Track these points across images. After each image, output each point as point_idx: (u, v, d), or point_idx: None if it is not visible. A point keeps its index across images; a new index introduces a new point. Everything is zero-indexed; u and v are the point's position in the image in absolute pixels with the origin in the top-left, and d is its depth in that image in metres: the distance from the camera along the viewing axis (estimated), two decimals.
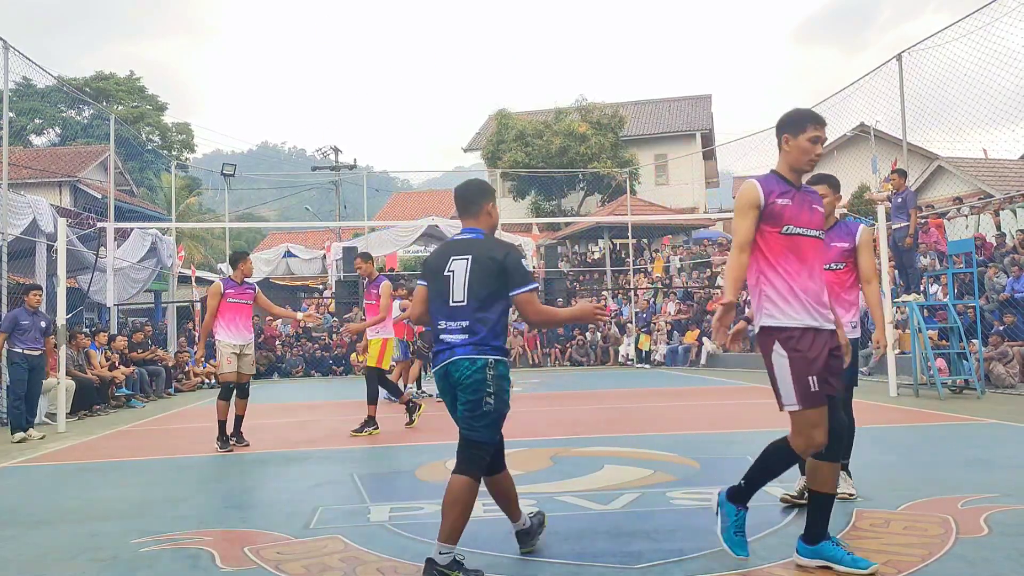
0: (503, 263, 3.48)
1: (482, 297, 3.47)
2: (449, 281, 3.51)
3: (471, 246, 3.55)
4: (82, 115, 40.04)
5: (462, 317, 3.47)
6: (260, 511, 4.93)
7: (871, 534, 3.84)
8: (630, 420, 9.01)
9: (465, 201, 3.69)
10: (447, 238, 26.64)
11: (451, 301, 3.50)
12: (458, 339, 3.46)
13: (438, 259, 3.61)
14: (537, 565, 3.53)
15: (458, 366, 3.45)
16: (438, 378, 3.55)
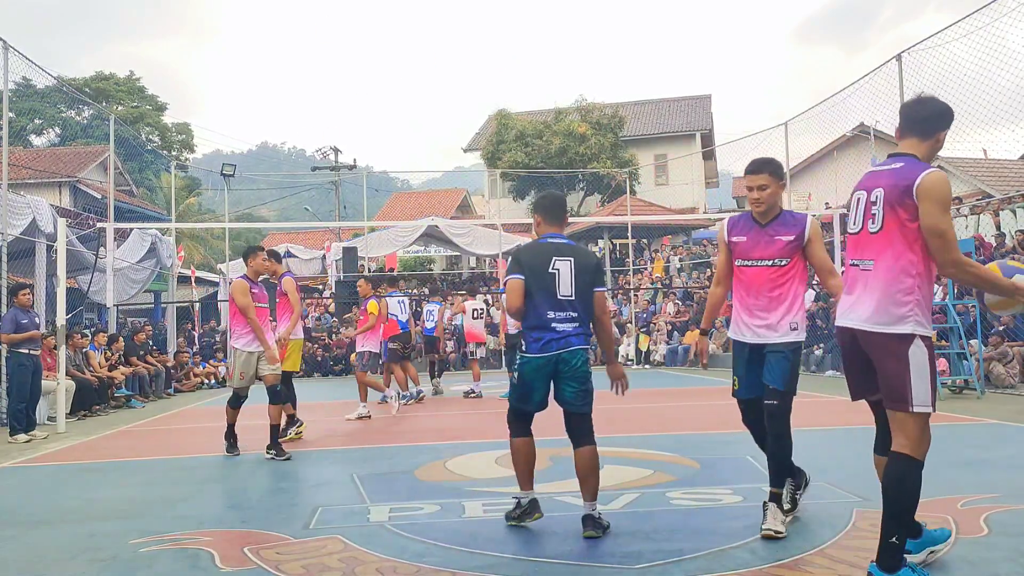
0: (597, 265, 4.26)
1: (585, 294, 4.10)
2: (555, 278, 4.05)
3: (572, 250, 4.18)
4: (82, 115, 40.03)
5: (572, 309, 4.06)
6: (260, 511, 4.92)
7: (871, 534, 3.84)
8: (630, 420, 9.01)
9: (559, 209, 4.30)
10: (447, 238, 26.51)
11: (559, 295, 4.04)
12: (571, 328, 4.05)
13: (538, 257, 4.11)
14: (537, 565, 3.53)
15: (576, 355, 4.08)
16: (544, 363, 4.05)
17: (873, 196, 3.12)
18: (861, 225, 3.18)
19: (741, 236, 4.07)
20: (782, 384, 3.95)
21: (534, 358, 4.06)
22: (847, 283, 3.27)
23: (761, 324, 4.02)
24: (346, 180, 33.94)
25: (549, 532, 4.10)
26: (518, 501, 4.25)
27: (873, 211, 3.11)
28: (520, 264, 4.10)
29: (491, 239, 24.13)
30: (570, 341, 4.02)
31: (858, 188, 3.24)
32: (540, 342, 4.03)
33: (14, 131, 18.38)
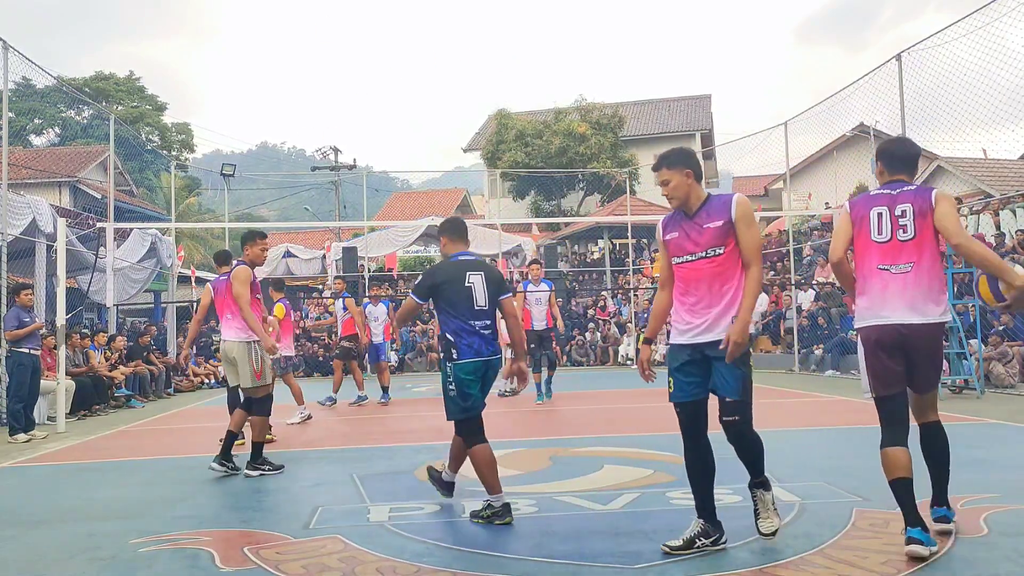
0: (501, 277, 4.72)
1: (493, 303, 4.55)
2: (472, 291, 4.49)
3: (481, 265, 4.66)
4: (82, 115, 40.03)
5: (486, 317, 4.50)
6: (259, 511, 4.92)
7: (871, 534, 3.84)
8: (630, 420, 9.01)
9: (462, 230, 4.84)
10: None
11: (476, 305, 4.48)
12: (488, 334, 4.50)
13: (454, 274, 4.55)
14: (536, 565, 3.53)
15: (499, 363, 4.59)
16: (477, 368, 4.44)
17: (899, 211, 3.66)
18: (890, 235, 3.65)
19: (673, 233, 3.77)
20: (738, 393, 3.53)
21: (469, 362, 4.42)
22: (875, 286, 3.65)
23: (702, 322, 3.60)
24: (346, 180, 33.93)
25: (549, 532, 4.10)
26: (489, 503, 4.36)
27: (903, 222, 3.63)
28: (433, 283, 4.57)
29: (491, 239, 24.12)
30: (494, 350, 4.52)
31: (875, 204, 3.73)
32: (472, 348, 4.44)
33: (14, 131, 18.40)
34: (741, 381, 3.56)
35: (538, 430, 8.41)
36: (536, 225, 28.50)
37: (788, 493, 4.76)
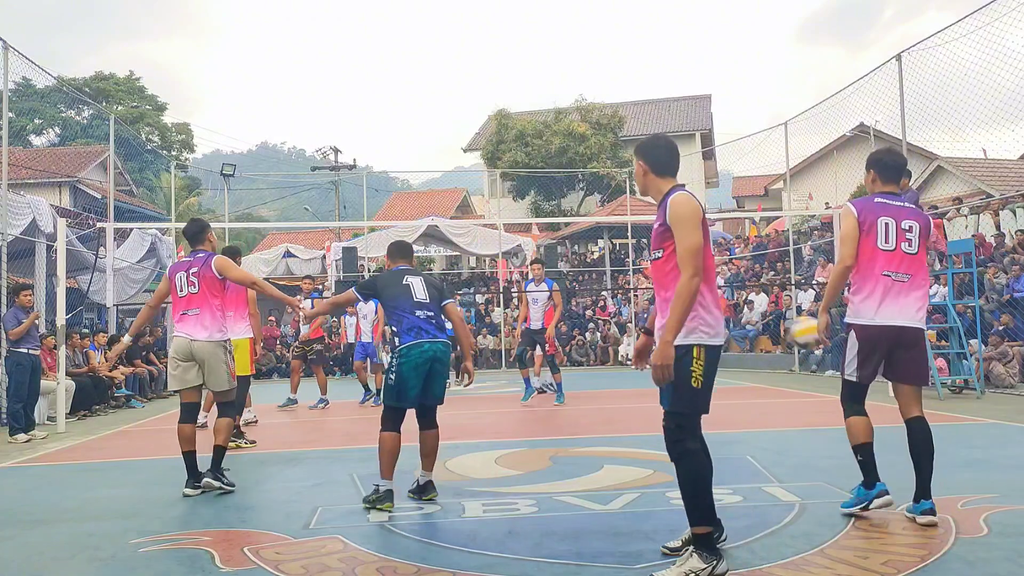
0: (441, 283, 5.15)
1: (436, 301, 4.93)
2: (410, 287, 4.88)
3: (419, 272, 5.10)
4: (82, 115, 40.04)
5: (429, 308, 4.85)
6: (259, 511, 4.92)
7: (871, 534, 3.84)
8: (629, 420, 9.01)
9: (405, 250, 5.23)
10: (447, 238, 26.52)
11: (415, 298, 4.84)
12: (434, 322, 4.84)
13: (392, 278, 4.98)
14: (536, 565, 3.53)
15: (446, 352, 4.83)
16: (422, 361, 4.71)
17: (906, 225, 4.06)
18: (895, 246, 4.05)
19: None
20: (667, 403, 3.40)
21: (412, 345, 4.70)
22: (878, 289, 4.03)
23: (660, 328, 3.36)
24: (346, 180, 33.93)
25: (549, 532, 4.10)
26: (377, 487, 4.70)
27: (909, 237, 4.07)
28: (373, 285, 5.04)
29: (491, 239, 24.13)
30: (436, 335, 4.78)
31: (882, 214, 4.08)
32: (412, 331, 4.74)
33: (14, 131, 18.38)
34: (672, 391, 3.33)
35: (538, 430, 8.41)
36: (536, 225, 28.50)
37: (788, 493, 4.76)
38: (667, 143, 3.56)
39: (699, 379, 3.28)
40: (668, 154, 3.52)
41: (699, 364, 3.27)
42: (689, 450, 3.30)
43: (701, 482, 3.26)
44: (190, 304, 5.49)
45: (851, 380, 4.17)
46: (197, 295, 5.48)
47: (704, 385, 3.30)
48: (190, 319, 5.48)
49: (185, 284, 5.52)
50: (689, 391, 3.30)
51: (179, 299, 5.55)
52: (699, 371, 3.27)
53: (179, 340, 5.49)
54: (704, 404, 3.35)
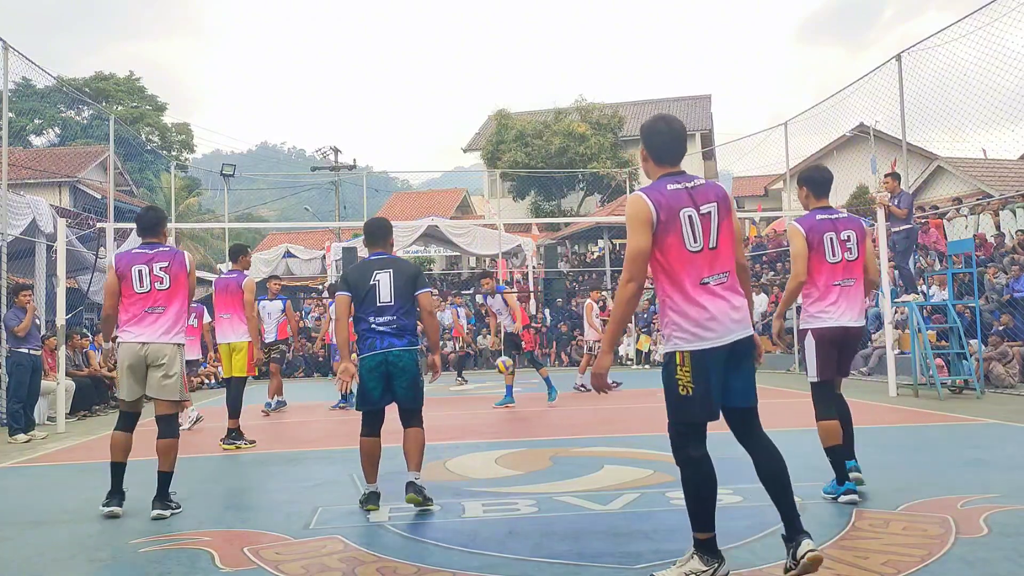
0: (416, 273, 4.83)
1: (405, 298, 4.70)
2: (375, 288, 4.66)
3: (391, 263, 4.83)
4: (82, 115, 40.05)
5: (391, 313, 4.66)
6: (259, 511, 4.92)
7: (871, 534, 3.84)
8: (630, 420, 9.01)
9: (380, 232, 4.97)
10: (446, 238, 26.48)
11: (378, 302, 4.65)
12: (390, 330, 4.65)
13: (361, 274, 4.77)
14: (536, 565, 3.53)
15: (401, 357, 4.63)
16: (375, 365, 4.62)
17: (844, 235, 4.59)
18: (840, 257, 4.58)
19: None
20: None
21: (366, 357, 4.64)
22: (832, 297, 4.57)
23: None
24: (346, 180, 33.93)
25: (549, 532, 4.10)
26: (363, 491, 4.76)
27: (849, 246, 4.59)
28: (347, 282, 4.81)
29: (491, 239, 24.13)
30: (392, 343, 4.62)
31: (824, 230, 4.57)
32: (366, 343, 4.66)
33: (14, 131, 18.37)
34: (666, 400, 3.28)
35: (538, 430, 8.41)
36: (536, 225, 28.49)
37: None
38: (668, 128, 3.27)
39: (687, 386, 3.11)
40: (667, 140, 3.27)
41: (684, 371, 3.11)
42: (689, 458, 3.15)
43: (700, 490, 3.13)
44: (155, 301, 4.92)
45: (816, 381, 4.66)
46: (166, 292, 4.95)
47: (697, 392, 3.09)
48: (151, 317, 4.90)
49: (148, 279, 4.94)
50: (677, 399, 3.16)
51: (138, 296, 4.91)
52: (685, 378, 3.11)
53: (132, 346, 4.86)
54: (701, 411, 3.12)
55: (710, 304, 3.10)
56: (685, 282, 3.11)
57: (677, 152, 3.30)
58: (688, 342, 3.11)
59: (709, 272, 3.12)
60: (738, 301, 3.18)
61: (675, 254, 3.11)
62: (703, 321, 3.09)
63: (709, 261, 3.13)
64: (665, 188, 3.15)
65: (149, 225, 5.16)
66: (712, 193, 3.21)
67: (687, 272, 3.11)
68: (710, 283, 3.12)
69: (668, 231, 3.10)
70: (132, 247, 5.76)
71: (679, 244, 3.10)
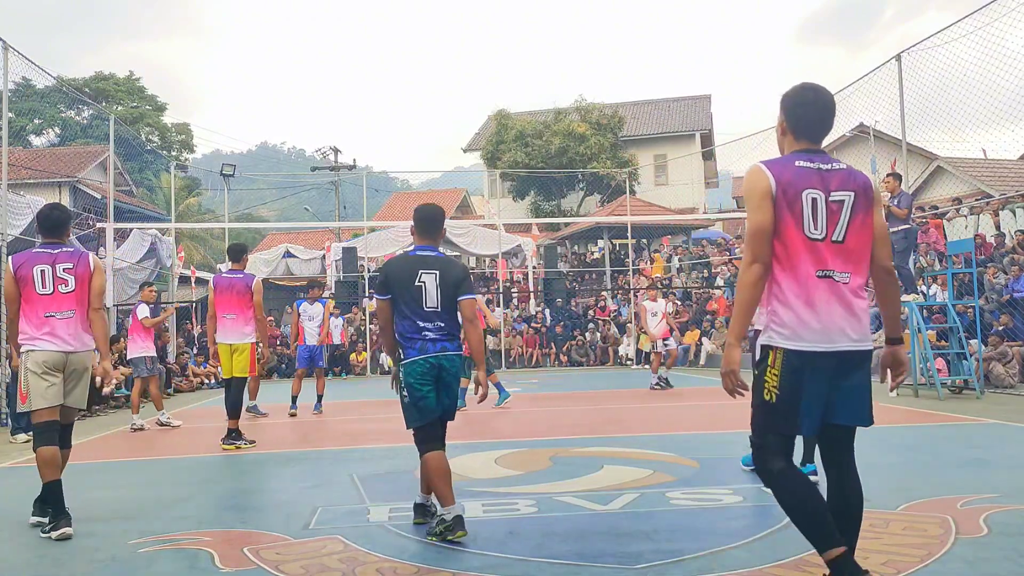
0: (461, 276, 4.28)
1: (450, 305, 4.20)
2: (421, 291, 4.15)
3: (439, 262, 4.26)
4: (81, 115, 40.05)
5: (439, 319, 4.16)
6: (259, 511, 4.92)
7: (871, 534, 3.84)
8: (629, 420, 9.00)
9: (430, 223, 4.36)
10: (446, 238, 26.49)
11: (425, 307, 4.15)
12: (439, 335, 4.15)
13: (405, 271, 4.21)
14: (536, 565, 3.53)
15: (452, 362, 4.16)
16: (428, 368, 4.10)
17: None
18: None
19: None
20: None
21: (414, 362, 4.11)
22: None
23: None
24: (346, 180, 33.90)
25: (549, 532, 4.10)
26: (441, 516, 4.00)
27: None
28: (388, 282, 4.23)
29: (491, 239, 24.11)
30: (445, 346, 4.15)
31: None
32: (414, 346, 4.13)
33: (14, 131, 18.39)
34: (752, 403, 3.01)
35: (538, 430, 8.40)
36: (536, 225, 28.49)
37: None
38: (816, 98, 2.86)
39: (772, 391, 2.72)
40: (812, 112, 2.87)
41: (772, 373, 2.72)
42: (771, 473, 2.77)
43: (796, 502, 2.73)
44: (61, 305, 4.63)
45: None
46: (71, 295, 4.67)
47: (783, 399, 2.70)
48: (61, 323, 4.62)
49: (51, 280, 4.63)
50: (759, 403, 2.78)
51: (41, 298, 4.62)
52: (772, 381, 2.72)
53: (51, 353, 4.58)
54: (783, 422, 2.73)
55: (821, 301, 2.72)
56: (799, 270, 2.74)
57: (821, 128, 2.89)
58: (785, 337, 2.73)
59: (830, 266, 2.74)
60: (859, 307, 2.76)
61: (792, 237, 2.74)
62: (807, 318, 2.71)
63: (832, 254, 2.74)
64: (793, 164, 2.80)
65: (53, 225, 4.86)
66: (852, 181, 2.81)
67: (802, 260, 2.74)
68: (830, 278, 2.73)
69: (786, 210, 2.74)
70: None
71: (797, 227, 2.74)
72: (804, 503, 2.72)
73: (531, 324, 21.89)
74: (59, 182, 24.76)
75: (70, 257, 4.73)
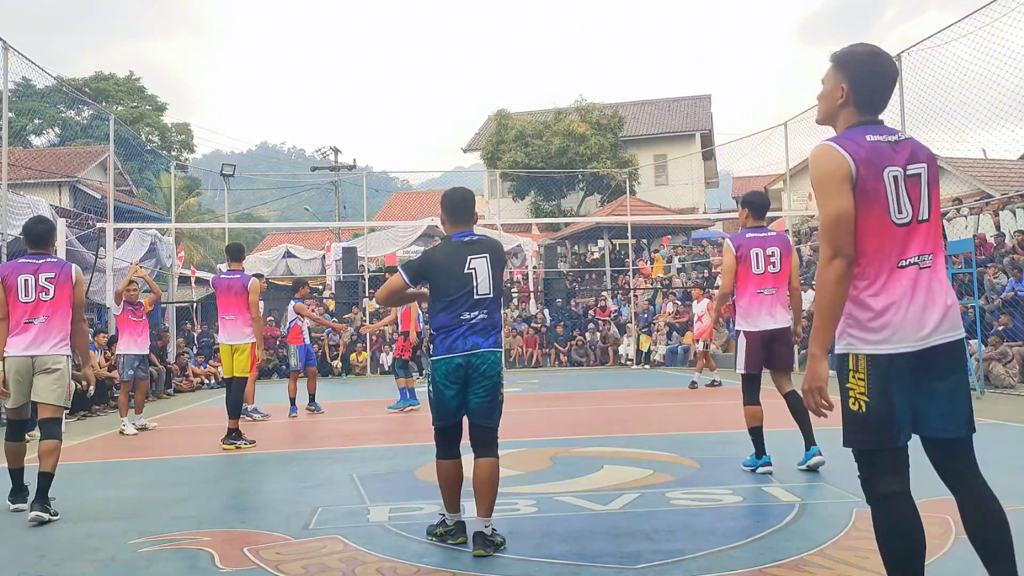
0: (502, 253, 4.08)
1: (499, 289, 3.96)
2: (472, 277, 3.85)
3: (485, 246, 3.97)
4: (81, 115, 40.04)
5: (487, 307, 3.88)
6: (259, 511, 4.92)
7: (870, 535, 3.82)
8: (629, 420, 9.00)
9: (461, 207, 4.05)
10: (445, 238, 26.62)
11: (476, 294, 3.86)
12: (480, 325, 3.85)
13: (452, 257, 3.90)
14: (536, 565, 3.53)
15: (484, 359, 3.83)
16: (454, 367, 3.82)
17: (769, 251, 5.41)
18: (763, 269, 5.40)
19: None
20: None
21: (441, 360, 3.85)
22: (754, 304, 5.40)
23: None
24: (346, 180, 33.90)
25: (549, 532, 4.10)
26: (443, 519, 4.00)
27: (772, 260, 5.41)
28: (426, 268, 3.97)
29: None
30: (476, 342, 3.82)
31: (752, 246, 5.41)
32: (445, 343, 3.86)
33: (14, 131, 18.40)
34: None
35: (538, 430, 8.40)
36: (536, 225, 28.49)
37: (788, 493, 4.76)
38: (891, 69, 2.53)
39: (860, 400, 2.40)
40: (879, 80, 2.52)
41: (857, 379, 2.40)
42: (876, 496, 2.44)
43: (893, 539, 2.42)
44: (36, 312, 4.95)
45: (744, 373, 5.45)
46: (49, 303, 4.98)
47: (873, 408, 2.37)
48: (33, 328, 4.95)
49: (33, 289, 4.94)
50: (848, 415, 2.45)
51: (24, 305, 4.94)
52: (858, 388, 2.40)
53: (19, 360, 4.93)
54: (877, 435, 2.39)
55: (905, 294, 2.39)
56: (878, 263, 2.40)
57: (885, 100, 2.56)
58: (866, 342, 2.40)
59: (912, 252, 2.41)
60: (941, 291, 2.42)
61: (873, 225, 2.39)
62: (890, 317, 2.38)
63: (916, 237, 2.42)
64: (864, 138, 2.43)
65: (38, 237, 5.16)
66: (922, 152, 2.49)
67: (883, 250, 2.40)
68: (915, 265, 2.41)
69: (868, 195, 2.38)
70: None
71: (881, 213, 2.39)
72: (904, 536, 2.41)
73: (531, 324, 21.89)
74: (59, 182, 24.76)
75: (52, 267, 5.03)
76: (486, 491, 3.80)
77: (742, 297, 5.46)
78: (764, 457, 5.41)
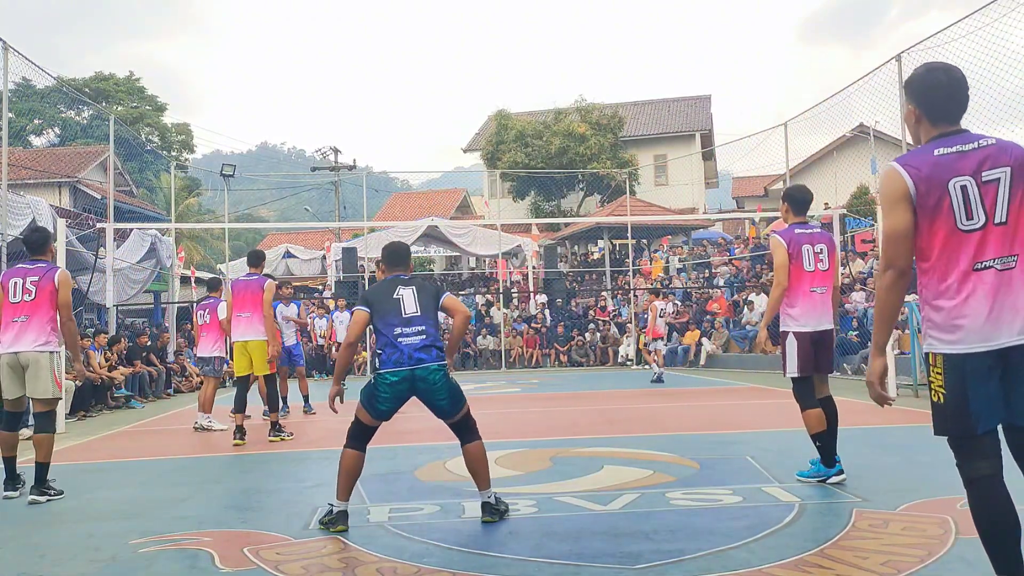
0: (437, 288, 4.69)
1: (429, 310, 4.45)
2: (400, 301, 4.44)
3: (412, 281, 4.61)
4: (81, 115, 40.04)
5: (419, 323, 4.38)
6: (259, 511, 4.92)
7: (870, 535, 3.84)
8: (629, 421, 9.00)
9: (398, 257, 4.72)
10: (446, 239, 26.50)
11: (404, 313, 4.39)
12: (418, 341, 4.32)
13: (383, 290, 4.55)
14: (536, 565, 3.53)
15: (431, 373, 4.30)
16: (398, 380, 4.29)
17: (817, 248, 5.11)
18: (814, 267, 5.08)
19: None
20: None
21: (387, 373, 4.31)
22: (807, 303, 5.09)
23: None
24: (346, 180, 33.93)
25: (549, 532, 4.10)
26: (331, 508, 4.34)
27: (821, 257, 5.11)
28: (367, 299, 4.57)
29: (490, 239, 24.13)
30: (420, 358, 4.28)
31: (803, 242, 5.09)
32: (391, 358, 4.31)
33: (14, 131, 18.38)
34: None
35: (538, 431, 8.40)
36: (536, 225, 28.50)
37: (788, 493, 4.76)
38: (948, 78, 2.68)
39: (939, 392, 2.65)
40: (946, 94, 2.68)
41: (936, 373, 2.64)
42: (968, 480, 2.69)
43: (984, 520, 2.61)
44: (19, 312, 5.47)
45: (796, 377, 5.11)
46: (31, 303, 5.47)
47: (950, 400, 2.60)
48: (16, 327, 5.45)
49: (20, 291, 5.49)
50: (933, 408, 2.71)
51: (13, 306, 5.49)
52: (937, 381, 2.64)
53: (8, 356, 5.44)
54: (954, 424, 2.63)
55: (979, 297, 2.54)
56: (949, 268, 2.58)
57: (957, 107, 2.70)
58: (941, 342, 2.62)
59: (990, 254, 2.55)
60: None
61: (941, 235, 2.58)
62: (961, 319, 2.56)
63: (992, 240, 2.55)
64: (931, 154, 2.62)
65: (33, 245, 5.73)
66: (1005, 155, 2.59)
67: (954, 256, 2.57)
68: (991, 268, 2.54)
69: (931, 208, 2.58)
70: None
71: (947, 223, 2.57)
72: (994, 517, 2.58)
73: (531, 324, 21.89)
74: (59, 182, 24.76)
75: (40, 271, 5.55)
76: (481, 468, 4.40)
77: (795, 296, 5.08)
78: (836, 466, 4.97)
